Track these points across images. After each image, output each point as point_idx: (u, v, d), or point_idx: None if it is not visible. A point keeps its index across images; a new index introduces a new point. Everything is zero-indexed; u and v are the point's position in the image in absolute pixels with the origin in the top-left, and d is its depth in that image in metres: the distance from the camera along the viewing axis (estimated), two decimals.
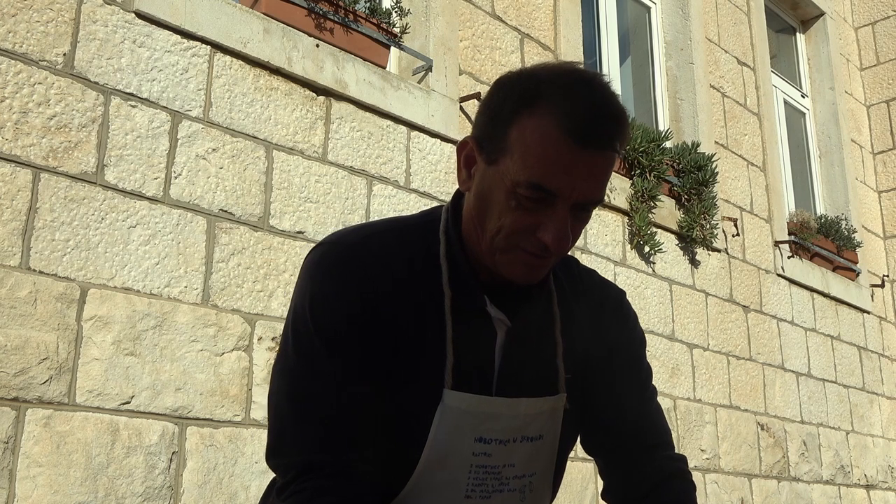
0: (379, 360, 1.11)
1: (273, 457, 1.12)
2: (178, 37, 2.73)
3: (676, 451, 1.33)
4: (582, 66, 1.12)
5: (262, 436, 2.65)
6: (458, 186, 1.17)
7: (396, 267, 1.13)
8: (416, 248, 1.16)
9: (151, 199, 2.57)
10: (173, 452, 2.46)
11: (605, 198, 4.17)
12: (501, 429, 1.13)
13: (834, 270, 5.90)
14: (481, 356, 1.14)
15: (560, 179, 1.03)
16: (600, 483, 4.02)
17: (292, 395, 1.11)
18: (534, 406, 1.15)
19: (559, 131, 1.02)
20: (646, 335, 4.53)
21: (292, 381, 1.12)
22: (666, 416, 4.56)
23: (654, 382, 1.36)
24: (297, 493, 1.07)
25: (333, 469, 1.07)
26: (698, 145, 4.78)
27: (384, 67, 3.36)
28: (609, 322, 1.28)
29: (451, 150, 3.53)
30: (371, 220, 3.14)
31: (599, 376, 1.26)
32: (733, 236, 5.04)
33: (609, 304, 1.30)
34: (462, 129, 3.59)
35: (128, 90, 2.57)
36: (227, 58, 2.85)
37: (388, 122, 3.29)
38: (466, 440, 1.11)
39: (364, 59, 3.25)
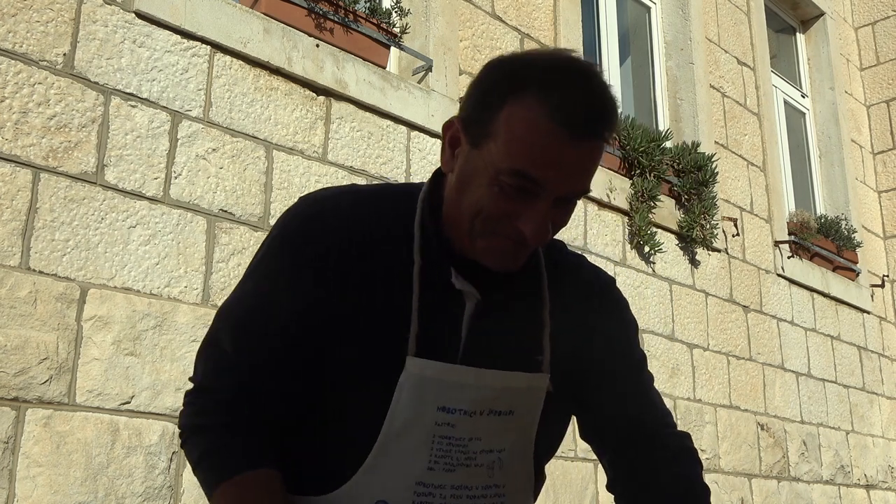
0: (341, 318, 1.10)
1: (198, 374, 1.16)
2: (178, 37, 2.73)
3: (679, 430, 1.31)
4: (576, 55, 1.09)
5: None
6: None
7: (370, 228, 1.13)
8: (394, 214, 1.15)
9: (151, 199, 2.57)
10: (173, 452, 2.45)
11: (606, 198, 4.17)
12: (467, 399, 1.10)
13: (834, 270, 5.90)
14: (448, 326, 1.12)
15: (547, 170, 1.02)
16: (600, 483, 4.03)
17: (232, 323, 1.14)
18: (503, 379, 1.12)
19: (549, 120, 1.00)
20: (646, 335, 4.53)
21: (234, 312, 1.15)
22: None
23: (654, 383, 1.33)
24: (191, 403, 1.14)
25: (237, 398, 1.11)
26: (698, 145, 4.78)
27: (384, 67, 3.36)
28: (599, 308, 1.26)
29: None
30: None
31: (594, 365, 1.24)
32: (733, 236, 5.04)
33: (599, 290, 1.28)
34: None
35: (128, 90, 2.57)
36: (227, 58, 2.85)
37: (388, 122, 3.29)
38: (429, 409, 1.09)
39: (364, 59, 3.25)
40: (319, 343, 1.11)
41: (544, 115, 1.00)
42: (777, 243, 5.39)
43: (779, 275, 5.36)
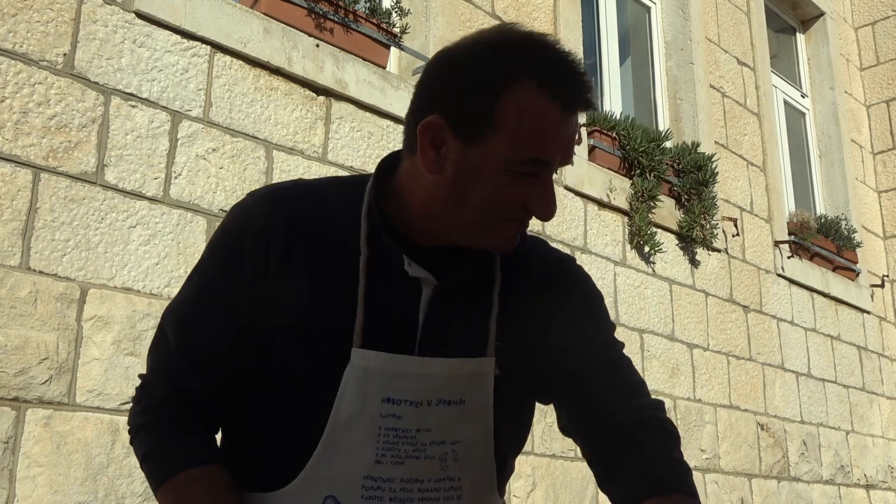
0: (286, 312, 1.09)
1: (146, 373, 1.18)
2: (178, 37, 2.73)
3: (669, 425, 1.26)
4: (531, 30, 1.09)
5: None
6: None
7: (315, 220, 1.12)
8: (341, 205, 1.14)
9: (151, 199, 2.57)
10: None
11: (606, 198, 4.18)
12: (413, 389, 1.07)
13: (834, 270, 5.90)
14: (401, 315, 1.10)
15: (553, 149, 1.05)
16: None
17: (175, 321, 1.15)
18: (448, 367, 1.09)
19: (547, 101, 1.02)
20: (646, 335, 4.52)
21: (178, 309, 1.16)
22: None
23: (652, 381, 1.31)
24: (137, 402, 1.16)
25: (179, 395, 1.12)
26: (698, 145, 4.78)
27: (384, 67, 3.36)
28: (558, 284, 1.23)
29: None
30: None
31: (558, 349, 1.20)
32: (733, 236, 5.04)
33: (557, 267, 1.25)
34: None
35: (128, 90, 2.57)
36: (227, 58, 2.85)
37: (388, 122, 3.29)
38: (373, 401, 1.06)
39: (364, 59, 3.25)
40: (264, 338, 1.09)
41: (546, 100, 1.02)
42: (777, 243, 5.39)
43: (779, 275, 5.36)
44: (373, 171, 1.20)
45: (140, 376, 1.18)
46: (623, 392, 1.23)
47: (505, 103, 1.02)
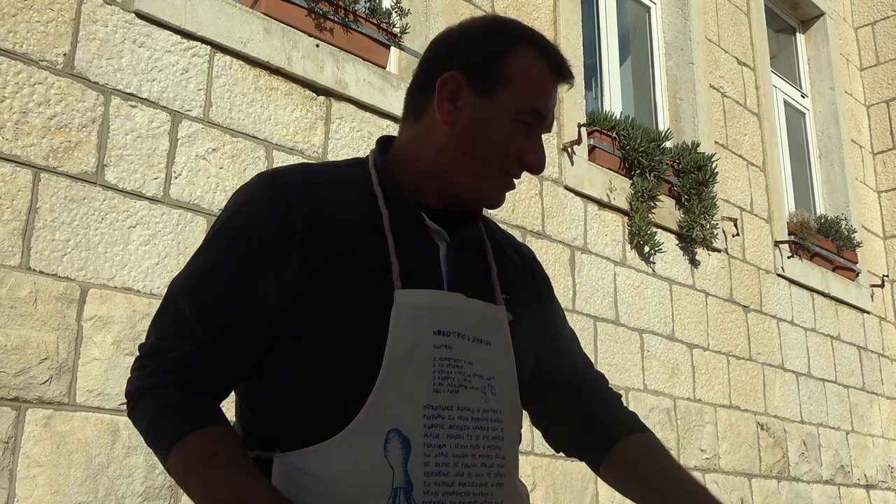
0: (320, 272, 1.14)
1: (149, 339, 1.17)
2: (178, 37, 2.73)
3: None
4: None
5: None
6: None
7: (330, 191, 1.21)
8: (348, 179, 1.25)
9: (151, 199, 2.57)
10: None
11: (606, 198, 4.18)
12: (458, 322, 1.17)
13: (834, 270, 5.90)
14: (427, 265, 1.21)
15: (548, 104, 1.24)
16: (601, 483, 4.03)
17: (192, 288, 1.16)
18: (481, 308, 1.21)
19: (545, 64, 1.23)
20: (646, 335, 4.53)
21: (195, 278, 1.17)
22: (666, 416, 4.54)
23: (652, 381, 1.41)
24: (143, 367, 1.15)
25: (181, 362, 1.13)
26: (698, 145, 4.78)
27: (384, 67, 3.36)
28: (525, 262, 1.39)
29: None
30: None
31: (536, 301, 1.37)
32: (733, 236, 5.04)
33: (520, 248, 1.43)
34: None
35: (128, 90, 2.57)
36: (227, 58, 2.85)
37: (389, 122, 3.29)
38: (426, 334, 1.14)
39: (364, 59, 3.25)
40: (299, 300, 1.13)
41: (542, 60, 1.23)
42: (777, 243, 5.39)
43: (779, 275, 5.36)
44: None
45: (141, 346, 1.17)
46: (583, 355, 1.45)
47: (511, 61, 1.21)
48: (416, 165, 1.25)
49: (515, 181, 1.27)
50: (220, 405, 1.16)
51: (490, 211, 1.44)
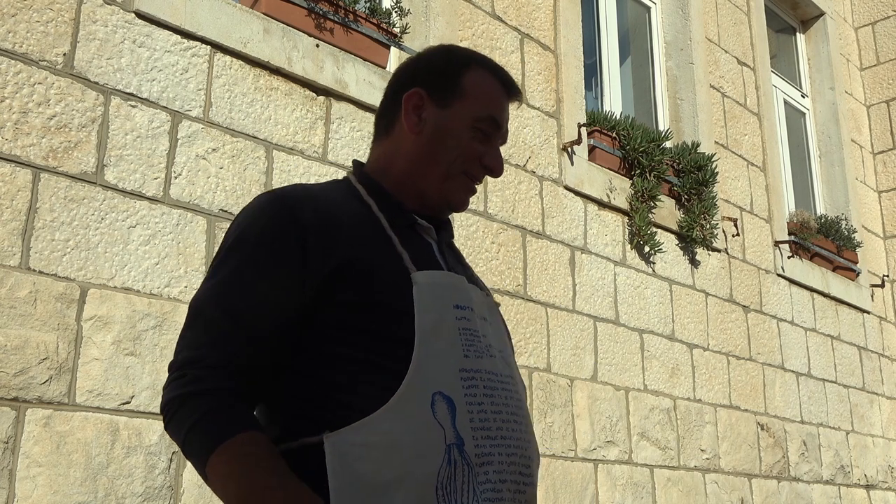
0: (344, 271, 1.23)
1: (181, 353, 1.22)
2: (178, 37, 2.73)
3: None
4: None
5: None
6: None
7: (329, 204, 1.31)
8: (339, 194, 1.37)
9: (151, 199, 2.57)
10: (173, 452, 2.45)
11: (606, 198, 4.18)
12: (469, 298, 1.31)
13: (834, 270, 5.89)
14: (428, 256, 1.35)
15: (502, 115, 1.42)
16: (601, 483, 4.02)
17: (225, 300, 1.22)
18: (477, 292, 1.36)
19: (497, 82, 1.42)
20: (646, 335, 4.52)
21: (225, 292, 1.23)
22: (666, 416, 4.53)
23: (652, 381, 1.44)
24: (181, 376, 1.19)
25: (220, 369, 1.18)
26: (698, 145, 4.78)
27: (384, 67, 3.36)
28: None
29: None
30: None
31: None
32: (733, 236, 5.04)
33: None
34: None
35: (128, 90, 2.57)
36: (227, 58, 2.85)
37: None
38: (448, 307, 1.26)
39: (364, 59, 3.24)
40: (324, 299, 1.22)
41: (496, 79, 1.43)
42: (777, 243, 5.39)
43: (779, 275, 5.36)
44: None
45: (172, 363, 1.22)
46: None
47: (467, 78, 1.40)
48: (390, 176, 1.40)
49: (477, 186, 1.43)
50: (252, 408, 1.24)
51: (490, 210, 1.51)
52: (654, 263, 4.42)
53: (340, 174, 3.07)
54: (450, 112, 1.38)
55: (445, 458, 1.16)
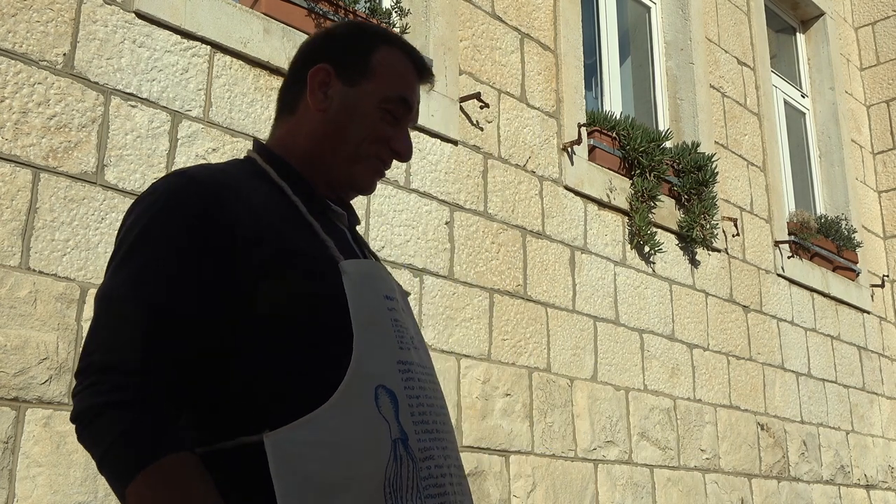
0: (265, 262, 1.15)
1: (93, 354, 1.09)
2: (178, 37, 2.73)
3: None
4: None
5: None
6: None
7: (247, 187, 1.22)
8: (253, 177, 1.27)
9: None
10: None
11: (606, 198, 4.17)
12: (392, 289, 1.27)
13: (834, 270, 5.89)
14: (345, 244, 1.29)
15: (413, 96, 1.34)
16: (601, 483, 4.02)
17: (135, 297, 1.10)
18: (394, 281, 1.32)
19: (408, 62, 1.35)
20: (646, 335, 4.52)
21: (134, 287, 1.11)
22: (666, 416, 4.53)
23: (652, 381, 1.42)
24: (96, 382, 1.07)
25: (142, 375, 1.07)
26: (698, 145, 4.78)
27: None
28: None
29: (451, 149, 3.53)
30: (371, 221, 3.14)
31: None
32: (733, 236, 5.04)
33: None
34: (462, 129, 3.59)
35: (128, 90, 2.57)
36: (227, 58, 2.84)
37: None
38: (379, 297, 1.22)
39: None
40: (253, 288, 1.13)
41: (405, 57, 1.35)
42: (777, 243, 5.39)
43: (779, 275, 5.36)
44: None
45: (83, 368, 1.09)
46: None
47: (378, 56, 1.32)
48: (294, 156, 1.31)
49: (385, 170, 1.36)
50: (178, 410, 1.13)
51: (490, 210, 1.49)
52: (654, 263, 4.42)
53: None
54: (357, 91, 1.31)
55: (392, 454, 1.11)
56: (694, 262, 4.70)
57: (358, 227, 1.44)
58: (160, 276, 1.11)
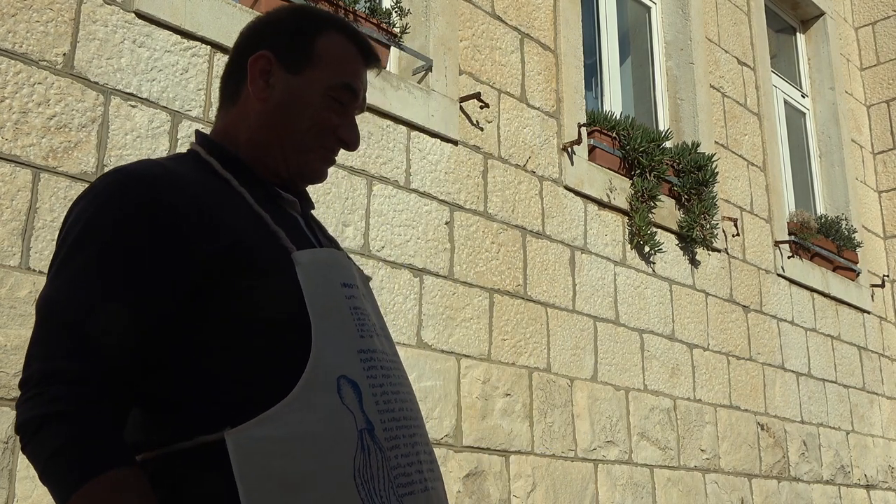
0: (216, 257, 1.12)
1: (33, 363, 1.06)
2: (178, 37, 2.73)
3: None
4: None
5: None
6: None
7: (197, 184, 1.18)
8: (196, 170, 1.22)
9: None
10: None
11: (606, 198, 4.18)
12: (350, 276, 1.24)
13: (834, 270, 5.90)
14: (298, 233, 1.26)
15: (359, 83, 1.30)
16: (601, 483, 4.02)
17: (83, 302, 1.06)
18: (354, 267, 1.28)
19: (354, 47, 1.31)
20: (646, 335, 4.52)
21: (83, 285, 1.07)
22: (666, 416, 4.53)
23: (652, 381, 1.40)
24: (39, 394, 1.03)
25: (81, 384, 1.03)
26: (698, 145, 4.78)
27: (384, 67, 3.36)
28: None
29: (451, 149, 3.53)
30: (371, 221, 3.14)
31: None
32: (733, 236, 5.04)
33: None
34: (462, 129, 3.59)
35: (128, 90, 2.57)
36: (227, 58, 2.84)
37: (388, 121, 3.29)
38: (336, 286, 1.19)
39: None
40: (204, 286, 1.10)
41: (353, 45, 1.31)
42: (777, 243, 5.39)
43: (779, 275, 5.36)
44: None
45: (27, 377, 1.06)
46: None
47: (322, 43, 1.28)
48: (239, 146, 1.28)
49: (334, 152, 1.33)
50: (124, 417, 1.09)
51: (490, 210, 1.46)
52: (654, 263, 4.42)
53: (340, 174, 3.07)
54: (301, 78, 1.26)
55: (359, 445, 1.09)
56: (694, 262, 4.70)
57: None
58: (102, 281, 1.07)
